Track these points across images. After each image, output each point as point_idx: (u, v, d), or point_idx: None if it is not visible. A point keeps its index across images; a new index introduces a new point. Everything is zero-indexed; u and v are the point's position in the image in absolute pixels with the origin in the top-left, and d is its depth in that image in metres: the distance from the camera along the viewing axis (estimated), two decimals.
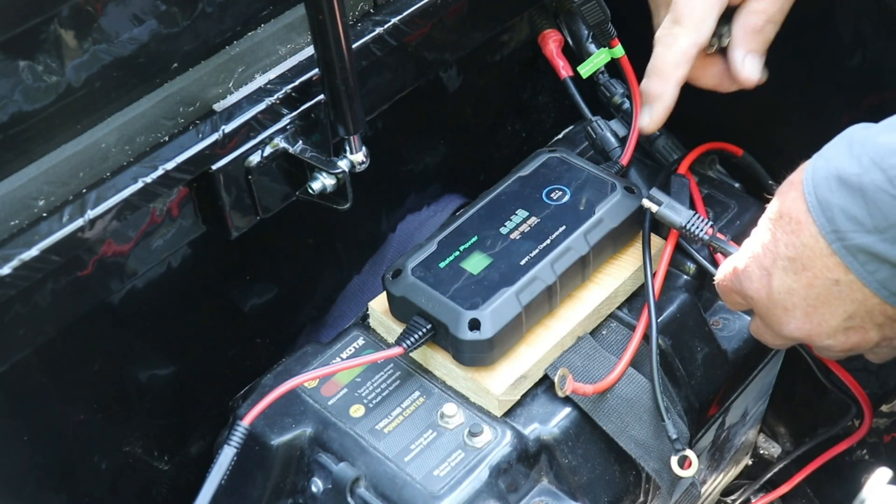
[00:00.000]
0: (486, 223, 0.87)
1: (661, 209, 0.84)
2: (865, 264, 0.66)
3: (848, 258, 0.66)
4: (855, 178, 0.64)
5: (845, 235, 0.65)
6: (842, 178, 0.65)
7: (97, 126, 0.71)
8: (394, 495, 0.78)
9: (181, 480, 0.93)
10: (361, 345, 0.87)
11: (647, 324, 0.85)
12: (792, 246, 0.69)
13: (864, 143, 0.65)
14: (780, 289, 0.71)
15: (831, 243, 0.66)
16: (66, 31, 0.67)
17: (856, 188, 0.64)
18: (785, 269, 0.70)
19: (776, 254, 0.71)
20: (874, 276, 0.66)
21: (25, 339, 0.71)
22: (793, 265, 0.70)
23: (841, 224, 0.65)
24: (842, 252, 0.66)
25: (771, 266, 0.71)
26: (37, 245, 0.67)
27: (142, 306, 0.84)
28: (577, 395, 0.81)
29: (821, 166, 0.67)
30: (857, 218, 0.65)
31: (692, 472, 0.83)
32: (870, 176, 0.63)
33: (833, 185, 0.66)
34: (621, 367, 0.83)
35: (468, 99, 1.05)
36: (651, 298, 0.85)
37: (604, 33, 0.94)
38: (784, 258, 0.70)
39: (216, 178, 0.75)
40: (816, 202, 0.67)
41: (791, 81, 0.98)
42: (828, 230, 0.66)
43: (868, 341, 0.72)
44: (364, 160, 0.80)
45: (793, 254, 0.69)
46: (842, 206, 0.65)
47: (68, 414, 0.83)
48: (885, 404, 1.08)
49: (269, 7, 0.79)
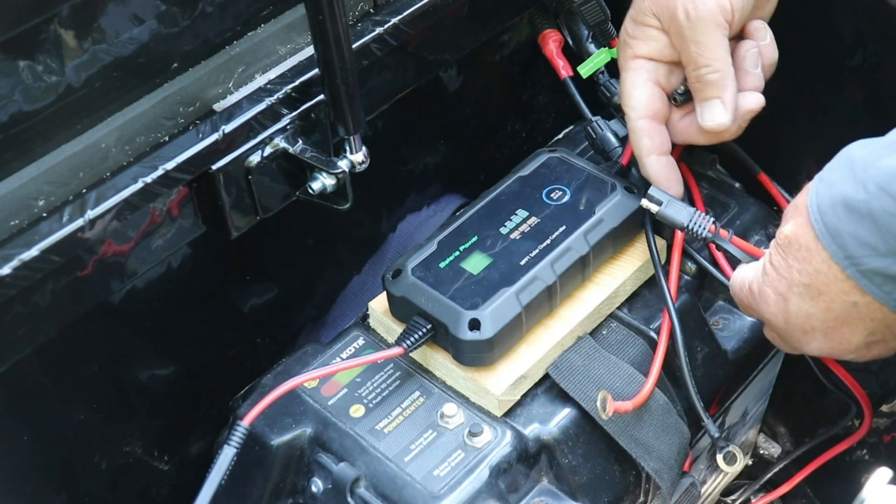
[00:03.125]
0: (486, 223, 0.87)
1: (662, 209, 0.83)
2: (882, 286, 0.65)
3: (863, 281, 0.66)
4: (863, 205, 0.64)
5: (859, 261, 0.65)
6: (848, 205, 0.64)
7: (97, 126, 0.71)
8: (394, 495, 0.78)
9: (181, 480, 0.93)
10: (361, 345, 0.87)
11: (670, 331, 0.85)
12: (805, 273, 0.69)
13: (867, 167, 0.64)
14: (797, 314, 0.71)
15: (845, 269, 0.66)
16: (66, 31, 0.67)
17: (864, 214, 0.64)
18: (801, 294, 0.70)
19: (791, 280, 0.70)
20: (892, 296, 0.66)
21: (25, 339, 0.71)
22: (808, 291, 0.69)
23: (853, 250, 0.65)
24: (857, 276, 0.66)
25: (786, 292, 0.71)
26: (37, 245, 0.67)
27: (142, 306, 0.84)
28: (578, 396, 0.81)
29: (824, 192, 0.67)
30: (869, 243, 0.64)
31: (739, 467, 0.83)
32: (878, 202, 0.63)
33: (840, 212, 0.65)
34: (653, 380, 0.83)
35: (468, 99, 1.05)
36: (669, 302, 0.85)
37: (604, 33, 0.95)
38: (799, 284, 0.70)
39: (216, 178, 0.75)
40: (825, 229, 0.66)
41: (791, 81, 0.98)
42: (840, 256, 0.66)
43: (889, 350, 0.72)
44: (364, 160, 0.80)
45: (807, 280, 0.69)
46: (852, 233, 0.64)
47: (68, 414, 0.83)
48: (885, 404, 1.08)
49: (269, 7, 0.79)
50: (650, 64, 0.83)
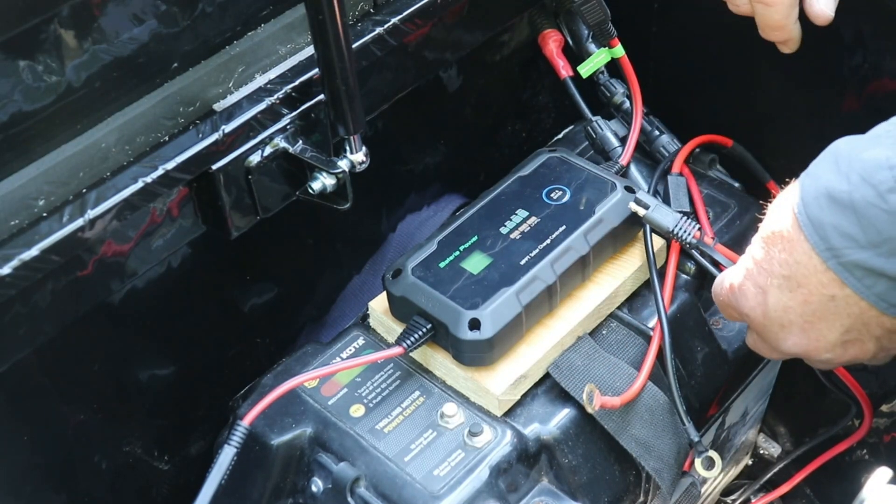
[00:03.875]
0: (486, 223, 0.87)
1: (649, 213, 0.84)
2: (862, 279, 0.66)
3: (844, 273, 0.66)
4: (845, 196, 0.64)
5: (840, 252, 0.65)
6: (831, 196, 0.65)
7: (97, 126, 0.72)
8: (394, 495, 0.78)
9: (181, 480, 0.93)
10: (361, 345, 0.87)
11: (661, 332, 0.85)
12: (786, 264, 0.69)
13: (851, 158, 0.65)
14: (775, 306, 0.72)
15: (826, 260, 0.66)
16: (66, 31, 0.67)
17: (846, 205, 0.64)
18: (780, 286, 0.70)
19: (771, 272, 0.71)
20: (872, 290, 0.66)
21: (25, 339, 0.71)
22: (788, 283, 0.70)
23: (834, 241, 0.65)
24: (837, 268, 0.66)
25: (766, 284, 0.71)
26: (37, 245, 0.67)
27: (142, 306, 0.84)
28: (578, 395, 0.81)
29: (809, 184, 0.67)
30: (850, 234, 0.65)
31: (716, 472, 0.83)
32: (860, 192, 0.63)
33: (823, 203, 0.66)
34: (644, 377, 0.83)
35: (468, 99, 1.05)
36: (660, 306, 0.85)
37: (604, 33, 0.94)
38: (779, 276, 0.70)
39: (216, 178, 0.75)
40: (808, 220, 0.67)
41: (792, 81, 0.99)
42: (821, 248, 0.66)
43: (866, 353, 0.72)
44: (364, 160, 0.80)
45: (787, 272, 0.69)
46: (834, 224, 0.65)
47: (68, 414, 0.83)
48: (885, 404, 1.08)
49: (269, 7, 0.79)
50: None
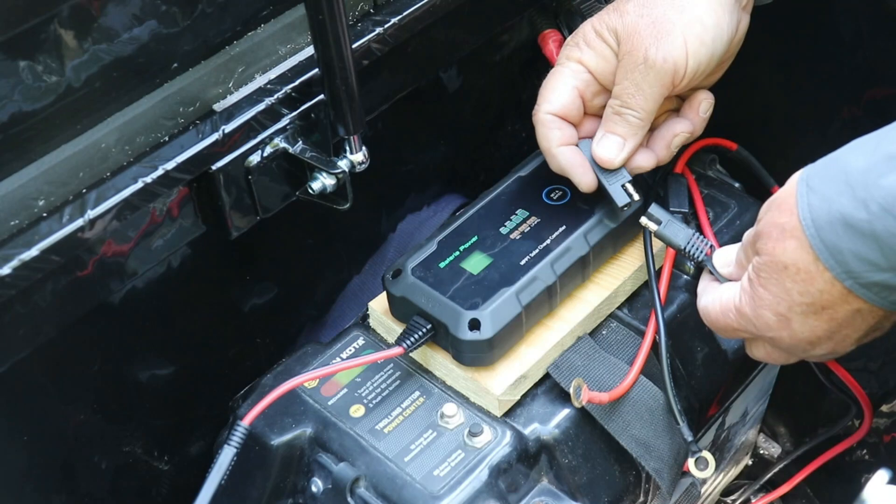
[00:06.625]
0: (486, 223, 0.87)
1: (661, 229, 0.84)
2: (881, 293, 0.66)
3: (862, 291, 0.66)
4: (865, 225, 0.64)
5: (859, 276, 0.66)
6: (849, 224, 0.64)
7: (97, 126, 0.71)
8: (394, 495, 0.78)
9: (181, 480, 0.93)
10: (361, 345, 0.87)
11: (655, 329, 0.85)
12: (807, 294, 0.69)
13: (867, 185, 0.64)
14: (802, 329, 0.71)
15: (843, 281, 0.66)
16: (66, 31, 0.67)
17: (867, 234, 0.64)
18: (804, 313, 0.70)
19: (791, 301, 0.70)
20: (888, 300, 0.67)
21: (25, 339, 0.71)
22: (811, 308, 0.70)
23: (854, 267, 0.65)
24: (855, 288, 0.66)
25: (788, 312, 0.71)
26: (37, 245, 0.67)
27: (142, 306, 0.84)
28: None
29: (820, 208, 0.66)
30: (870, 260, 0.64)
31: (710, 473, 0.83)
32: (882, 223, 0.63)
33: (839, 230, 0.65)
34: (634, 374, 0.83)
35: (468, 99, 1.05)
36: (658, 305, 0.85)
37: None
38: (800, 304, 0.70)
39: (216, 178, 0.75)
40: (824, 247, 0.66)
41: (792, 81, 0.99)
42: (839, 272, 0.66)
43: (883, 333, 0.73)
44: (364, 160, 0.80)
45: (809, 300, 0.69)
46: (853, 251, 0.65)
47: (68, 414, 0.83)
48: (885, 404, 1.08)
49: (269, 7, 0.79)
50: (586, 74, 0.83)
